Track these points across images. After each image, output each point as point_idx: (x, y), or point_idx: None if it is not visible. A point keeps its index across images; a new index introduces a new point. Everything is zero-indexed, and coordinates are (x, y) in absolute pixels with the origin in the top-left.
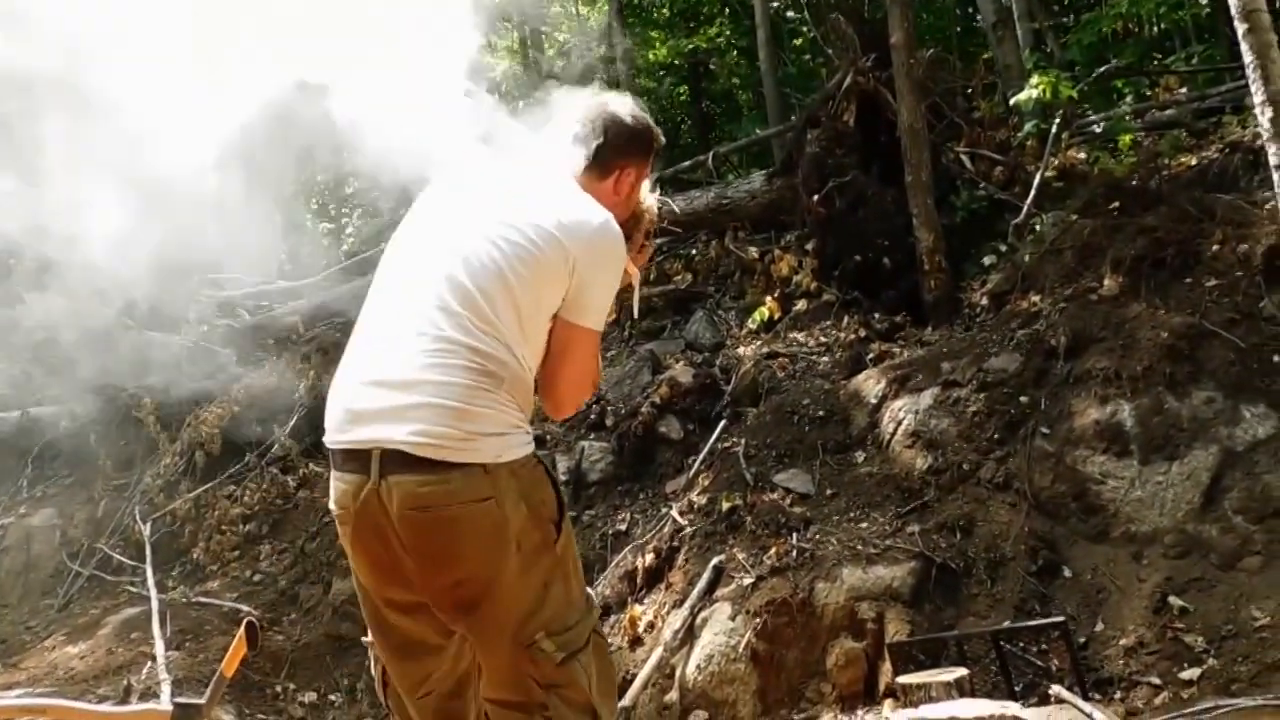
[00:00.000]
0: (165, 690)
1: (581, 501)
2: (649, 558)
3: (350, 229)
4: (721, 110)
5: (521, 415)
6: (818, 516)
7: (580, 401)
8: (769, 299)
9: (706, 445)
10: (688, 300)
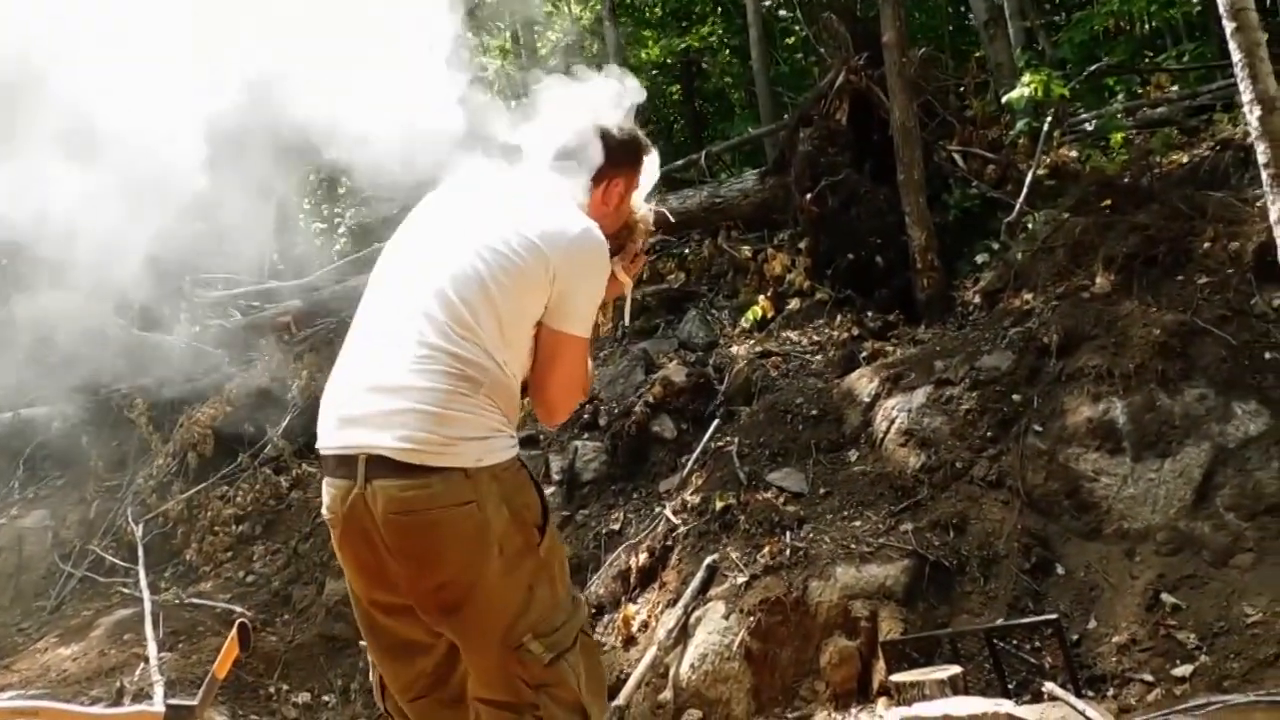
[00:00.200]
0: (158, 692)
1: (575, 501)
2: (643, 557)
3: (343, 228)
4: (714, 109)
5: (503, 419)
6: (811, 515)
7: (571, 406)
8: (762, 298)
9: (700, 444)
10: (681, 299)
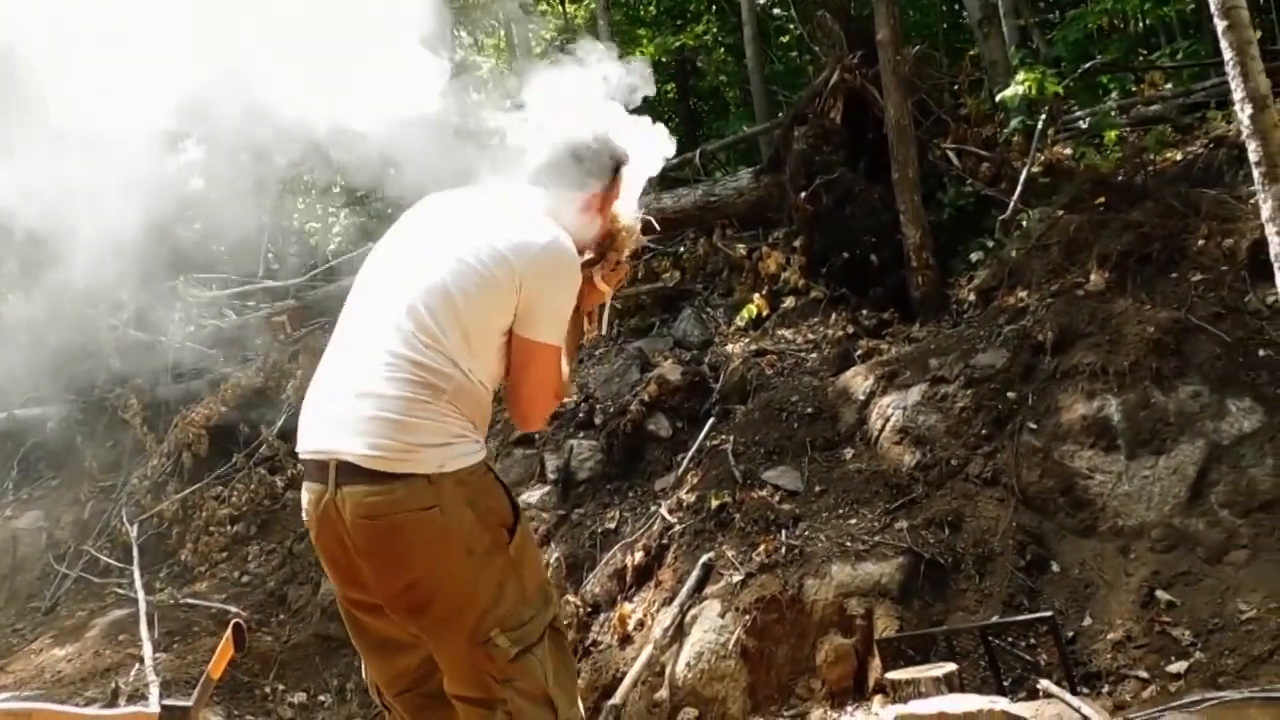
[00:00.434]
0: (153, 692)
1: (570, 500)
2: (638, 555)
3: (337, 228)
4: (709, 108)
5: (466, 425)
6: (806, 513)
7: (544, 412)
8: (757, 296)
9: (695, 443)
10: (676, 298)
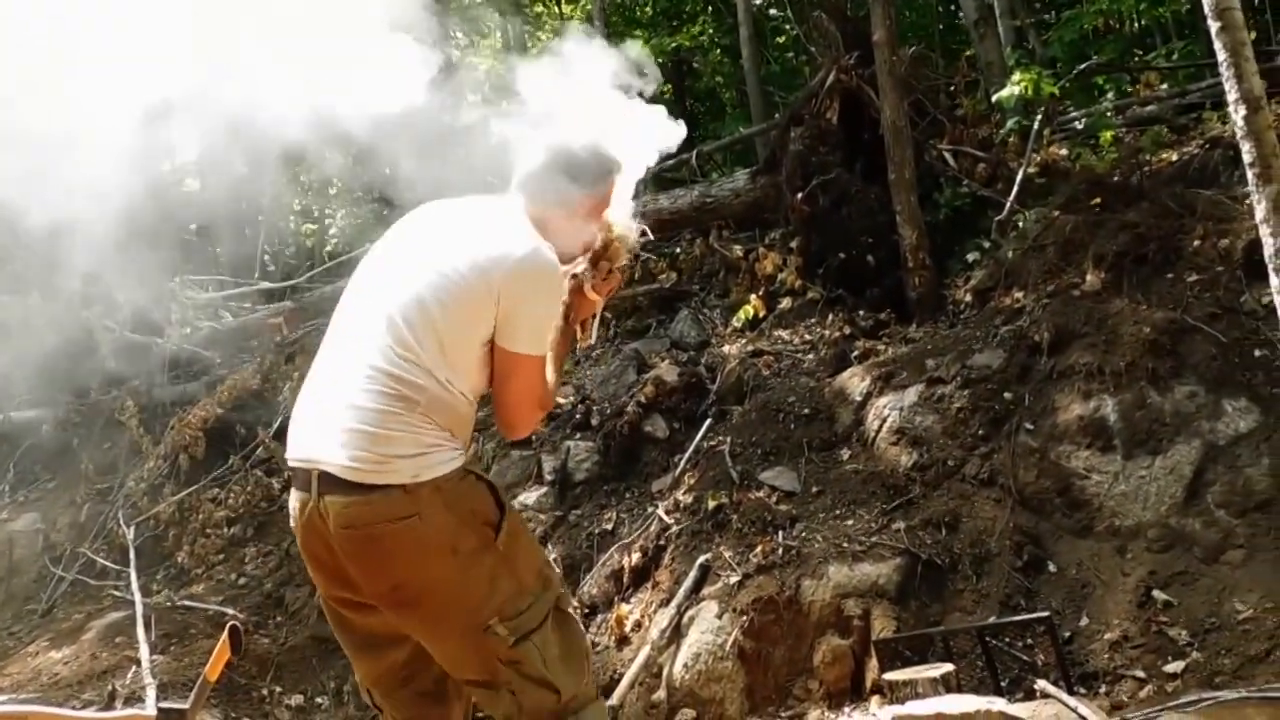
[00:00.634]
0: (150, 695)
1: (567, 501)
2: (635, 557)
3: (334, 229)
4: (705, 109)
5: (442, 435)
6: (804, 514)
7: (529, 422)
8: (753, 297)
9: (692, 444)
10: (672, 299)
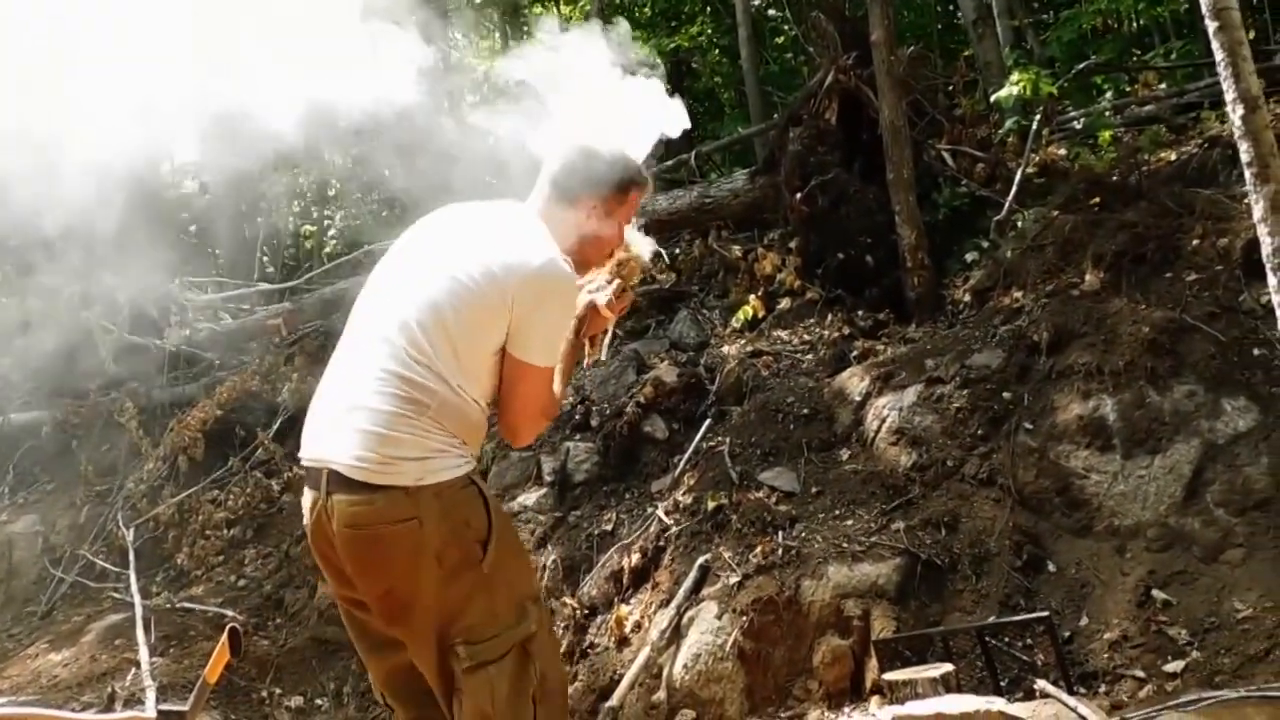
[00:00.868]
0: (150, 697)
1: (567, 502)
2: (635, 558)
3: (332, 231)
4: (704, 109)
5: (450, 440)
6: (803, 514)
7: (533, 431)
8: (753, 297)
9: (691, 444)
10: (672, 300)
